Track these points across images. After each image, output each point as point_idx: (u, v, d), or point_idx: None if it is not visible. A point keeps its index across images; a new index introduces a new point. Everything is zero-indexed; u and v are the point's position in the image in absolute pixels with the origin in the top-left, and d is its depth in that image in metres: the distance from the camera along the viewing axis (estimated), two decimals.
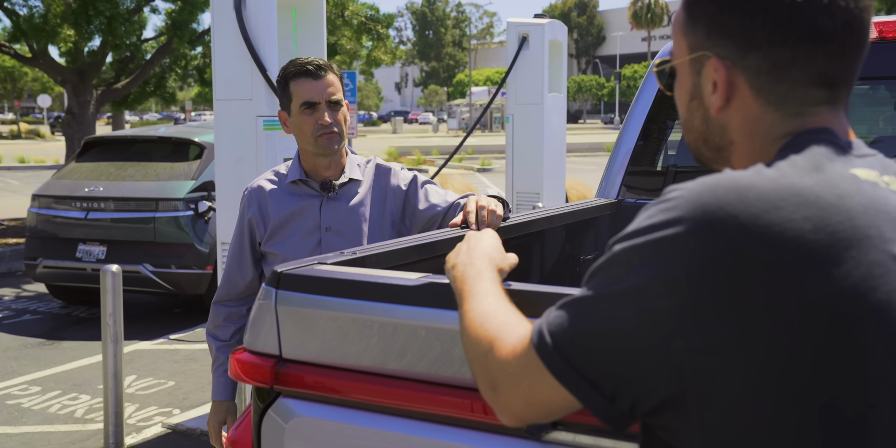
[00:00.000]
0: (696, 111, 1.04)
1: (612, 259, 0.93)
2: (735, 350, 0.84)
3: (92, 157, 7.71)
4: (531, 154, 7.46)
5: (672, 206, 0.90)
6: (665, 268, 0.87)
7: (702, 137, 1.05)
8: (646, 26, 63.28)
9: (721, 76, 0.99)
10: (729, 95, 1.00)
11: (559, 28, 7.65)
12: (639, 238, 0.90)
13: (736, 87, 0.99)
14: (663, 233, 0.88)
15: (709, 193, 0.88)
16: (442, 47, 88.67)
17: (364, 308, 1.42)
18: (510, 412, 1.00)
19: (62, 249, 7.19)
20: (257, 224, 2.44)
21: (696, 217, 0.87)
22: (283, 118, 2.44)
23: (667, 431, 0.94)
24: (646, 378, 0.89)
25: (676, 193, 0.91)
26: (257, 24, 4.42)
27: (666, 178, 3.06)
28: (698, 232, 0.86)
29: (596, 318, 0.91)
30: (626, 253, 0.91)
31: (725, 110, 1.01)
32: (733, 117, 1.01)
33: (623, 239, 0.92)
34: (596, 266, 0.95)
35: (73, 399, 5.31)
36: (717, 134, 1.03)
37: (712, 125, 1.03)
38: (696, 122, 1.05)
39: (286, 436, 1.48)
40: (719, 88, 1.00)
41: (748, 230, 0.85)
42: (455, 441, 1.38)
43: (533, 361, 0.95)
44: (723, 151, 1.04)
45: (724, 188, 0.88)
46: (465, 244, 1.36)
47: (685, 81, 1.05)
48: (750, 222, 0.85)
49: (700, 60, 1.02)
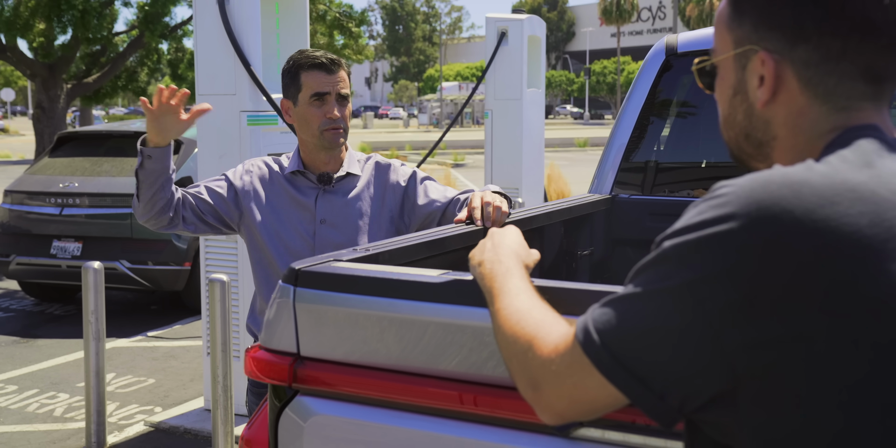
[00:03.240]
0: (739, 106, 1.04)
1: (661, 255, 0.92)
2: (791, 346, 0.85)
3: (66, 152, 7.60)
4: (510, 149, 7.47)
5: (724, 202, 0.89)
6: (719, 264, 0.87)
7: (743, 133, 1.05)
8: (615, 22, 63.54)
9: (769, 69, 0.99)
10: (776, 89, 0.99)
11: (538, 23, 7.67)
12: (690, 234, 0.90)
13: (783, 80, 0.99)
14: (716, 229, 0.88)
15: (762, 189, 0.88)
16: (412, 42, 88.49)
17: (386, 305, 1.41)
18: (552, 410, 0.99)
19: (36, 246, 7.08)
20: (245, 194, 2.41)
21: (751, 213, 0.87)
22: (287, 107, 2.42)
23: (714, 427, 0.94)
24: (697, 375, 0.89)
25: (727, 189, 0.91)
26: (241, 18, 4.38)
27: (657, 174, 3.08)
28: (753, 227, 0.86)
29: (646, 315, 0.91)
30: (677, 249, 0.90)
31: (771, 104, 1.00)
32: (778, 111, 1.00)
33: (673, 235, 0.92)
34: (643, 263, 0.95)
35: (51, 398, 5.23)
36: (759, 129, 1.03)
37: (756, 120, 1.03)
38: (739, 118, 1.05)
39: (305, 434, 1.47)
40: (766, 82, 0.99)
41: (804, 225, 0.85)
42: (479, 438, 1.38)
43: (578, 359, 0.94)
44: (764, 147, 1.04)
45: (778, 184, 0.88)
46: (489, 241, 1.35)
47: (728, 77, 1.05)
48: (806, 217, 0.85)
49: (746, 55, 1.01)
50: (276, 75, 4.60)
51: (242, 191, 2.42)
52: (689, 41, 2.95)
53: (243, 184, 2.42)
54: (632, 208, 2.95)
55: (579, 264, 2.78)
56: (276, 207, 2.40)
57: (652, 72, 2.97)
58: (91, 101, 14.23)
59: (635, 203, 2.96)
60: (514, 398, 1.33)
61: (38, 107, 11.59)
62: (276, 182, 2.43)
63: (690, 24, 56.61)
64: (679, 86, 3.03)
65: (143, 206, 2.30)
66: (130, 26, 13.06)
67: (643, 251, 3.25)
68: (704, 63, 1.10)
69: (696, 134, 3.11)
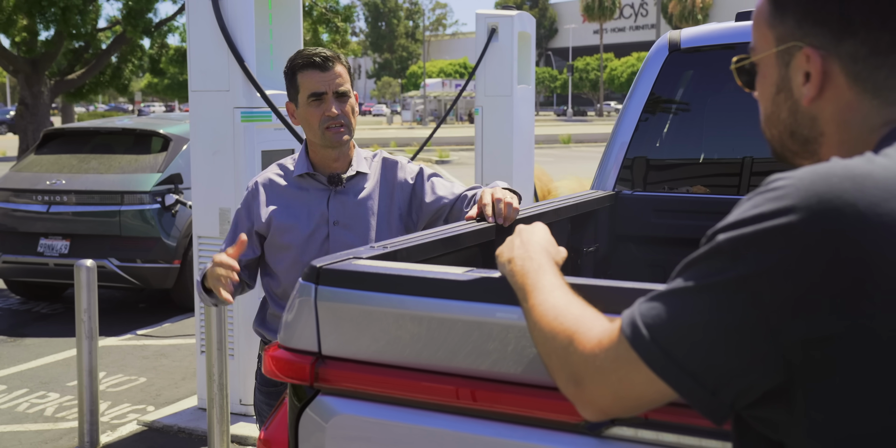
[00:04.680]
0: (784, 104, 1.02)
1: (715, 249, 0.90)
2: (850, 342, 0.83)
3: (52, 149, 7.52)
4: (501, 146, 7.45)
5: (782, 195, 0.87)
6: (777, 258, 0.85)
7: (788, 130, 1.03)
8: (597, 19, 63.65)
9: (815, 66, 0.97)
10: (823, 85, 0.98)
11: (528, 19, 7.65)
12: (746, 227, 0.88)
13: (830, 76, 0.97)
14: (774, 222, 0.86)
15: (823, 181, 0.86)
16: (395, 39, 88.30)
17: (410, 303, 1.39)
18: (596, 406, 0.98)
19: (23, 244, 7.00)
20: (257, 217, 2.39)
21: (812, 206, 0.85)
22: (291, 110, 2.40)
23: (766, 424, 0.93)
24: (751, 370, 0.87)
25: (785, 182, 0.89)
26: (234, 14, 4.34)
27: (660, 170, 3.07)
28: (814, 221, 0.84)
29: (698, 309, 0.89)
30: (733, 242, 0.88)
31: (818, 101, 0.99)
32: (825, 107, 0.99)
33: (727, 228, 0.90)
34: (694, 256, 0.93)
35: (41, 397, 5.17)
36: (806, 126, 1.01)
37: (801, 117, 1.01)
38: (783, 115, 1.03)
39: (327, 434, 1.45)
40: (813, 78, 0.98)
41: (868, 219, 0.83)
42: (501, 436, 1.36)
43: (625, 354, 0.93)
44: (811, 144, 1.02)
45: (839, 176, 0.86)
46: (517, 238, 1.34)
47: (770, 74, 1.03)
48: (870, 211, 0.83)
49: (790, 52, 1.00)
50: (270, 71, 4.60)
51: (256, 217, 2.39)
52: (693, 37, 2.94)
53: (250, 213, 2.40)
54: (635, 204, 2.94)
55: (585, 261, 2.77)
56: (288, 215, 2.37)
57: (655, 68, 2.96)
58: (74, 97, 14.09)
59: (638, 199, 2.95)
60: (537, 396, 1.32)
61: (22, 103, 11.46)
62: (284, 192, 2.40)
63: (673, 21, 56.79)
64: (682, 81, 3.02)
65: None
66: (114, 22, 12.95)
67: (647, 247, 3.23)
68: (744, 62, 1.08)
69: (698, 130, 3.10)
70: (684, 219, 2.87)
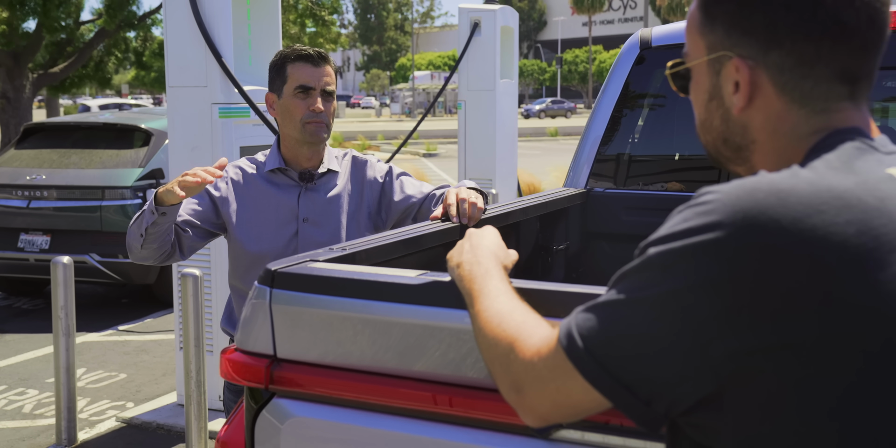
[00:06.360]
0: (716, 111, 1.03)
1: (646, 262, 0.91)
2: (778, 354, 0.84)
3: (32, 143, 7.48)
4: (483, 141, 7.46)
5: (710, 210, 0.88)
6: (704, 273, 0.86)
7: (721, 137, 1.04)
8: (587, 11, 63.65)
9: (744, 76, 0.98)
10: (752, 95, 0.98)
11: (510, 14, 7.65)
12: (675, 242, 0.89)
13: (759, 86, 0.98)
14: (702, 237, 0.87)
15: (748, 197, 0.87)
16: (384, 31, 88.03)
17: (363, 307, 1.40)
18: (535, 413, 0.99)
19: (3, 239, 6.96)
20: (223, 202, 2.37)
21: (737, 221, 0.86)
22: (271, 101, 2.40)
23: (698, 430, 0.94)
24: (683, 382, 0.88)
25: (712, 196, 0.90)
26: (212, 9, 4.32)
27: (632, 167, 3.08)
28: (739, 236, 0.85)
29: (630, 323, 0.90)
30: (662, 257, 0.90)
31: (747, 110, 1.00)
32: (755, 116, 1.00)
33: (657, 242, 0.91)
34: (627, 269, 0.94)
35: (20, 394, 5.16)
36: (737, 133, 1.02)
37: (733, 125, 1.02)
38: (716, 122, 1.04)
39: (282, 437, 1.45)
40: (742, 88, 0.99)
41: (791, 235, 0.84)
42: (456, 440, 1.37)
43: (562, 364, 0.94)
44: (743, 151, 1.03)
45: (764, 192, 0.87)
46: (467, 242, 1.34)
47: (703, 82, 1.04)
48: (793, 226, 0.84)
49: (720, 60, 1.00)
50: (248, 67, 4.58)
51: (220, 199, 2.38)
52: (664, 35, 2.95)
53: (220, 193, 2.38)
54: (607, 202, 2.95)
55: (555, 259, 2.78)
56: (257, 210, 2.37)
57: (626, 65, 2.97)
58: (57, 90, 14.01)
59: (610, 197, 2.96)
60: (490, 399, 1.33)
61: (3, 97, 11.39)
62: (254, 184, 2.40)
63: (661, 14, 56.81)
64: (653, 79, 3.03)
65: (144, 252, 2.26)
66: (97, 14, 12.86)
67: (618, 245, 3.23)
68: (679, 67, 1.09)
69: (670, 127, 3.11)
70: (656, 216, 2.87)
